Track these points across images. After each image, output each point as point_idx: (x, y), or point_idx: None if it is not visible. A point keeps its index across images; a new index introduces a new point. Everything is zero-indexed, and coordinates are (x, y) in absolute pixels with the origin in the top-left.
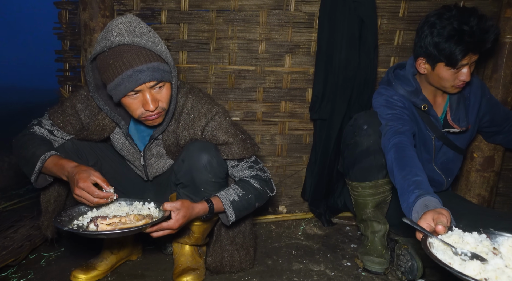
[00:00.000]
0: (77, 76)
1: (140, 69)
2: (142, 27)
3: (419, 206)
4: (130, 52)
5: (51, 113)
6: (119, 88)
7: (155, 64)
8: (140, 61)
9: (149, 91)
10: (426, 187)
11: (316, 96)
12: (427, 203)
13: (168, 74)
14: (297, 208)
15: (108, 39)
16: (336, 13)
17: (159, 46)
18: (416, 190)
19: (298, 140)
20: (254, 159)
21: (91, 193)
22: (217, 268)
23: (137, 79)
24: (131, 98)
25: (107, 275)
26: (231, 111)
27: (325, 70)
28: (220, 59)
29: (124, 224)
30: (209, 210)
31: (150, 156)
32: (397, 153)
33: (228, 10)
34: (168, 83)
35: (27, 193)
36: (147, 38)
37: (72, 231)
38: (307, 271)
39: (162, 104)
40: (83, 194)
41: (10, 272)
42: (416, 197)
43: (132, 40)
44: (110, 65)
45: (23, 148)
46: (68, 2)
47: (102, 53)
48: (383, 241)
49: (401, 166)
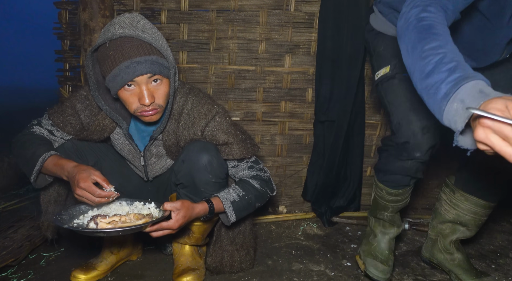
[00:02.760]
0: (77, 76)
1: (138, 60)
2: (145, 23)
3: (467, 92)
4: (130, 44)
5: (50, 113)
6: (116, 79)
7: (154, 57)
8: (139, 53)
9: (146, 85)
10: (468, 69)
11: (324, 97)
12: (483, 88)
13: (166, 70)
14: (297, 208)
15: (110, 31)
16: (340, 11)
17: (160, 42)
18: (458, 70)
19: (298, 140)
20: (254, 159)
21: (92, 192)
22: (217, 268)
23: (134, 70)
24: (127, 91)
25: (107, 275)
26: (231, 111)
27: (332, 69)
28: (220, 59)
29: (124, 223)
30: (209, 211)
31: (150, 157)
32: (421, 32)
33: (228, 10)
34: (166, 80)
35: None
36: (149, 33)
37: (72, 229)
38: (307, 271)
39: (159, 101)
40: (85, 194)
41: (10, 272)
42: (459, 78)
43: (133, 33)
44: (109, 56)
45: (23, 148)
46: (68, 2)
47: (103, 45)
48: (391, 244)
49: (423, 39)
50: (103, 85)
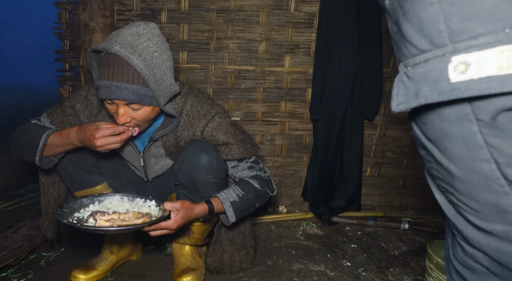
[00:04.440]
0: (77, 76)
1: (118, 85)
2: (149, 45)
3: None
4: (118, 66)
5: (49, 112)
6: (99, 90)
7: (135, 87)
8: (122, 78)
9: (124, 107)
10: None
11: (315, 96)
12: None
13: (149, 99)
14: (297, 208)
15: (111, 43)
16: (336, 12)
17: (153, 70)
18: None
19: (298, 140)
20: (254, 159)
21: (111, 134)
22: (217, 268)
23: (111, 92)
24: (108, 103)
25: (107, 275)
26: (231, 111)
27: (324, 69)
28: (220, 59)
29: (123, 221)
30: (209, 211)
31: (149, 157)
32: None
33: (228, 10)
34: (148, 107)
35: (27, 193)
36: (145, 59)
37: (71, 224)
38: (307, 271)
39: (136, 122)
40: (106, 141)
41: (10, 272)
42: None
43: (127, 56)
44: (101, 66)
45: (24, 134)
46: (68, 2)
47: (102, 52)
48: None
49: None
50: None
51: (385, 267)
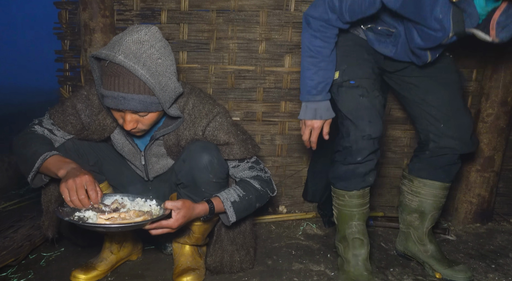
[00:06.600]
0: (77, 76)
1: (124, 96)
2: (152, 52)
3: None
4: (123, 76)
5: (51, 113)
6: (105, 99)
7: (142, 97)
8: (128, 89)
9: (130, 115)
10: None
11: None
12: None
13: (155, 105)
14: (297, 208)
15: (114, 51)
16: None
17: (158, 78)
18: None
19: (298, 140)
20: (255, 160)
21: (81, 201)
22: (217, 268)
23: (118, 103)
24: (114, 110)
25: (107, 275)
26: (231, 111)
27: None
28: (220, 59)
29: (123, 219)
30: (210, 211)
31: (150, 156)
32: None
33: (228, 10)
34: (154, 112)
35: (27, 193)
36: (149, 67)
37: (72, 222)
38: (307, 271)
39: (142, 126)
40: (80, 200)
41: (10, 272)
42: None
43: (132, 66)
44: (106, 75)
45: (24, 146)
46: (68, 2)
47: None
48: (367, 265)
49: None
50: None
51: (385, 267)
